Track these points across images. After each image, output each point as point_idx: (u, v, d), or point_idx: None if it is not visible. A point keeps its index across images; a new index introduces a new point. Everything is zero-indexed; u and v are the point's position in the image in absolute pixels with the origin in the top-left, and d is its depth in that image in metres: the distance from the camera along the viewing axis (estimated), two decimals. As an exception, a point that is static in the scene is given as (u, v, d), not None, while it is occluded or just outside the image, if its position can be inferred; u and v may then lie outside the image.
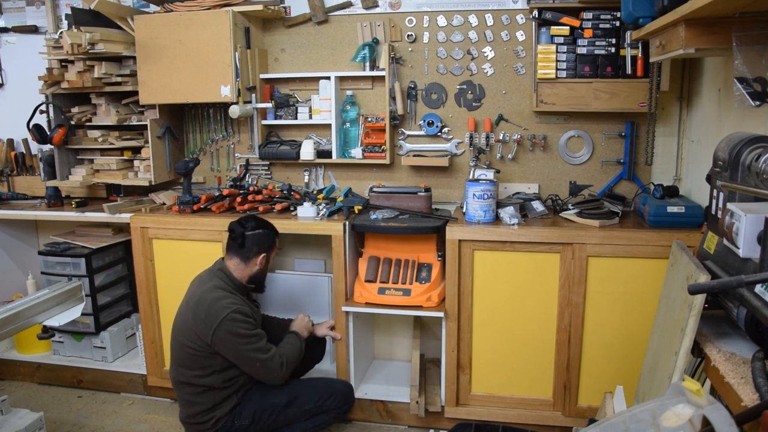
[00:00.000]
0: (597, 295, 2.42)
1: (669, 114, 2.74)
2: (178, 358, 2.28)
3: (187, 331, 2.23)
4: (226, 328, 2.16)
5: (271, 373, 2.24)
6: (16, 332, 2.12)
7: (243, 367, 2.23)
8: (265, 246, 2.36)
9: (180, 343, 2.26)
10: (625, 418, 1.05)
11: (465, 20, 2.85)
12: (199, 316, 2.20)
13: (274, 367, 2.23)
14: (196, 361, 2.23)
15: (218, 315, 2.17)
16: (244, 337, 2.19)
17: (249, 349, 2.20)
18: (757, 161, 1.43)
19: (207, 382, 2.24)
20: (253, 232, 2.34)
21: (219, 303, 2.20)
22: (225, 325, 2.16)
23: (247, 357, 2.20)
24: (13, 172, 3.43)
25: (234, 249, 2.34)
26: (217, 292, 2.24)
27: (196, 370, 2.23)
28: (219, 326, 2.16)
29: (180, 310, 2.33)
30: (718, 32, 1.69)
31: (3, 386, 3.20)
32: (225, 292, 2.25)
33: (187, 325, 2.23)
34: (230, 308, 2.19)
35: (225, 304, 2.20)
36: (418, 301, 2.57)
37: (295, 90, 3.09)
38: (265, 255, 2.36)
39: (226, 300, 2.21)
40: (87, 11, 2.87)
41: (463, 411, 2.63)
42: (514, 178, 2.93)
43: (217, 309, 2.18)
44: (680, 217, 2.37)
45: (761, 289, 1.24)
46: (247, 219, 2.39)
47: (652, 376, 1.78)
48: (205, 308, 2.20)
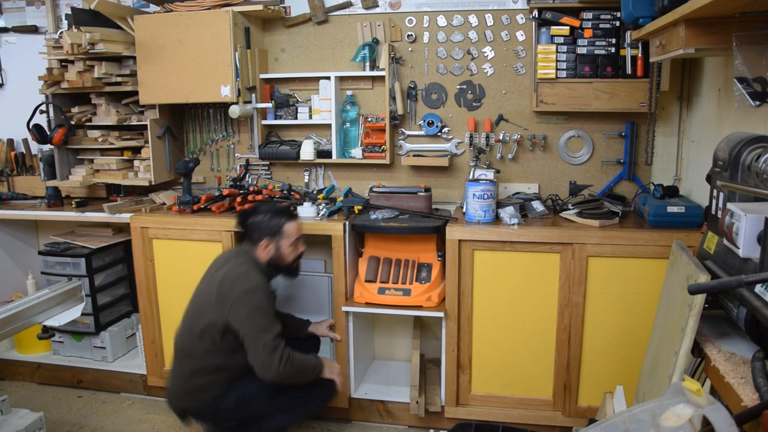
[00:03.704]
0: (597, 295, 2.43)
1: (669, 114, 2.74)
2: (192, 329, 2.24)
3: (208, 306, 2.19)
4: (247, 299, 2.14)
5: (268, 362, 2.13)
6: (16, 332, 2.12)
7: (246, 345, 2.16)
8: (266, 233, 2.32)
9: (197, 316, 2.23)
10: (625, 418, 1.05)
11: (465, 20, 2.85)
12: (224, 287, 2.18)
13: (273, 358, 2.13)
14: (206, 333, 2.19)
15: (243, 285, 2.16)
16: (259, 311, 2.15)
17: (259, 327, 2.13)
18: (757, 161, 1.43)
19: (211, 361, 2.21)
20: (252, 220, 2.34)
21: (247, 276, 2.19)
22: (247, 296, 2.14)
23: (253, 334, 2.13)
24: (13, 172, 3.43)
25: (247, 240, 2.36)
26: (245, 266, 2.24)
27: (205, 342, 2.20)
28: (241, 295, 2.14)
29: (201, 287, 2.30)
30: (718, 32, 1.69)
31: (3, 386, 3.20)
32: (254, 270, 2.24)
33: (209, 299, 2.20)
34: (257, 282, 2.19)
35: (253, 277, 2.20)
36: (418, 301, 2.57)
37: (295, 90, 3.09)
38: (268, 241, 2.32)
39: (254, 275, 2.21)
40: (87, 11, 2.87)
41: (463, 411, 2.63)
42: (514, 178, 2.93)
43: (244, 280, 2.18)
44: (680, 217, 2.37)
45: (761, 289, 1.24)
46: (254, 207, 2.39)
47: (652, 376, 1.78)
48: (232, 279, 2.19)
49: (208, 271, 2.34)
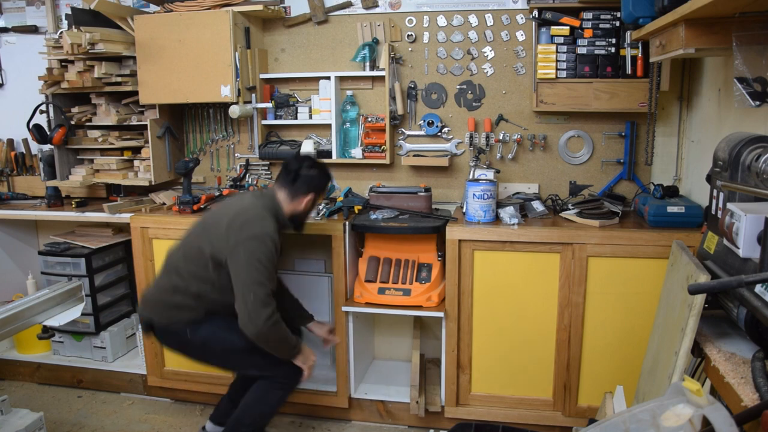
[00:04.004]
0: (597, 295, 2.43)
1: (669, 114, 2.74)
2: (189, 251, 2.22)
3: (213, 235, 2.17)
4: (252, 247, 2.10)
5: (254, 316, 2.07)
6: (16, 332, 2.12)
7: (236, 290, 2.11)
8: (314, 187, 2.32)
9: (198, 239, 2.21)
10: (625, 418, 1.05)
11: (465, 20, 2.85)
12: (235, 223, 2.14)
13: (260, 313, 2.07)
14: (202, 261, 2.17)
15: (253, 230, 2.12)
16: (260, 264, 2.09)
17: (255, 279, 2.08)
18: (757, 161, 1.43)
19: (196, 287, 2.19)
20: (308, 172, 2.31)
21: (261, 222, 2.15)
22: (253, 242, 2.10)
23: (247, 284, 2.09)
24: (13, 172, 3.43)
25: (285, 183, 2.31)
26: (265, 212, 2.20)
27: (196, 268, 2.18)
28: (248, 239, 2.10)
29: (213, 212, 2.28)
30: (718, 32, 1.69)
31: (3, 386, 3.20)
32: (271, 219, 2.19)
33: (218, 229, 2.16)
34: (268, 232, 2.13)
35: (266, 225, 2.15)
36: (418, 301, 2.57)
37: (295, 90, 3.09)
38: (313, 196, 2.32)
39: (269, 223, 2.16)
40: (87, 11, 2.87)
41: (463, 411, 2.63)
42: (514, 178, 2.93)
43: (255, 225, 2.13)
44: (680, 217, 2.37)
45: (761, 289, 1.24)
46: (305, 157, 2.37)
47: (652, 376, 1.78)
48: (244, 219, 2.15)
49: (228, 201, 2.31)
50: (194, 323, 2.22)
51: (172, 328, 2.24)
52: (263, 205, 2.23)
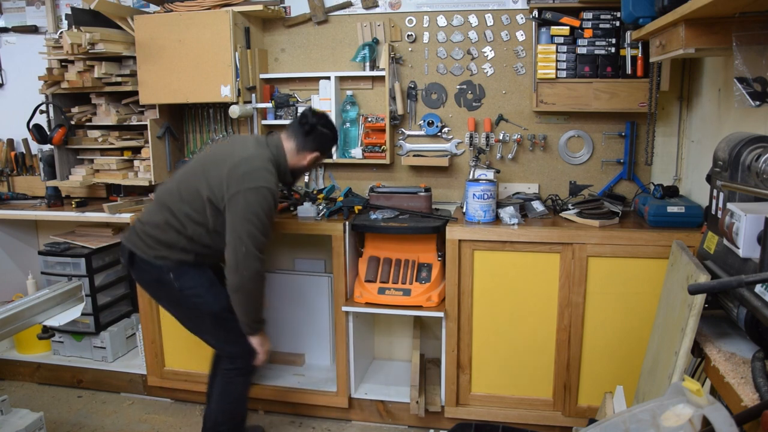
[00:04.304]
0: (597, 295, 2.43)
1: (669, 114, 2.74)
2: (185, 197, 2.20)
3: (212, 180, 2.14)
4: (251, 198, 2.08)
5: (242, 267, 2.08)
6: (16, 332, 2.12)
7: (229, 239, 2.10)
8: (322, 146, 2.33)
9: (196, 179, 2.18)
10: (625, 418, 1.05)
11: (465, 20, 2.85)
12: (236, 171, 2.12)
13: (249, 266, 2.08)
14: (198, 203, 2.16)
15: (255, 182, 2.10)
16: (257, 217, 2.08)
17: (249, 232, 2.08)
18: (757, 161, 1.43)
19: (187, 225, 2.17)
20: (323, 129, 2.31)
21: (264, 174, 2.13)
22: (253, 194, 2.09)
23: (241, 235, 2.08)
24: (13, 172, 3.43)
25: (297, 134, 2.29)
26: (269, 165, 2.18)
27: (191, 210, 2.17)
28: (248, 190, 2.08)
29: (213, 155, 2.25)
30: (718, 32, 1.69)
31: (3, 386, 3.20)
32: (273, 171, 2.18)
33: (218, 174, 2.14)
34: (269, 186, 2.12)
35: (268, 178, 2.14)
36: (418, 301, 2.57)
37: (295, 90, 3.09)
38: (318, 155, 2.33)
39: (271, 177, 2.15)
40: (87, 11, 2.87)
41: (463, 411, 2.63)
42: (514, 178, 2.93)
43: (258, 176, 2.12)
44: (680, 217, 2.37)
45: (761, 289, 1.24)
46: (323, 115, 2.37)
47: (652, 376, 1.78)
48: (247, 169, 2.12)
49: (230, 143, 2.29)
50: (181, 266, 2.19)
51: (156, 264, 2.21)
52: (268, 156, 2.20)
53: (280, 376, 2.95)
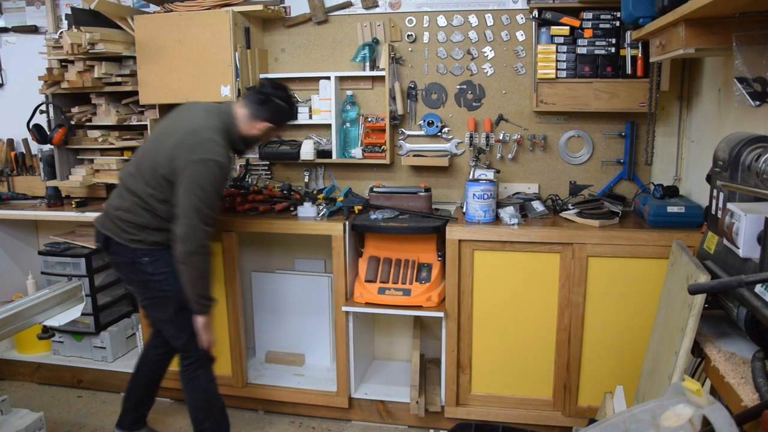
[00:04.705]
0: (597, 295, 2.43)
1: (669, 114, 2.74)
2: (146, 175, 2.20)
3: (165, 154, 2.15)
4: (198, 171, 2.09)
5: (187, 239, 2.09)
6: (16, 332, 2.12)
7: (177, 211, 2.12)
8: (276, 118, 2.31)
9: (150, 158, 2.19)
10: (625, 418, 1.05)
11: (465, 20, 2.85)
12: (184, 144, 2.13)
13: (194, 238, 2.09)
14: (157, 181, 2.16)
15: (201, 154, 2.10)
16: (202, 190, 2.09)
17: (194, 205, 2.08)
18: (757, 161, 1.43)
19: (155, 205, 2.18)
20: (278, 100, 2.29)
21: (210, 146, 2.13)
22: (199, 166, 2.09)
23: (187, 208, 2.09)
24: (13, 172, 3.43)
25: (251, 102, 2.28)
26: (217, 136, 2.16)
27: (153, 189, 2.18)
28: (194, 163, 2.09)
29: (165, 128, 2.26)
30: (718, 32, 1.69)
31: (3, 386, 3.20)
32: (223, 143, 2.17)
33: (167, 147, 2.15)
34: (215, 159, 2.11)
35: (216, 150, 2.13)
36: (418, 301, 2.57)
37: (295, 90, 3.08)
38: (270, 127, 2.31)
39: (219, 148, 2.14)
40: (87, 11, 2.87)
41: (463, 411, 2.63)
42: (514, 178, 2.93)
43: (204, 149, 2.11)
44: (680, 217, 2.37)
45: (761, 289, 1.24)
46: (284, 87, 2.35)
47: (652, 376, 1.78)
48: (194, 141, 2.13)
49: (180, 113, 2.28)
50: (157, 250, 2.19)
51: (131, 247, 2.22)
52: (216, 126, 2.19)
53: (280, 376, 2.95)
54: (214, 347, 2.33)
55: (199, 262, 2.13)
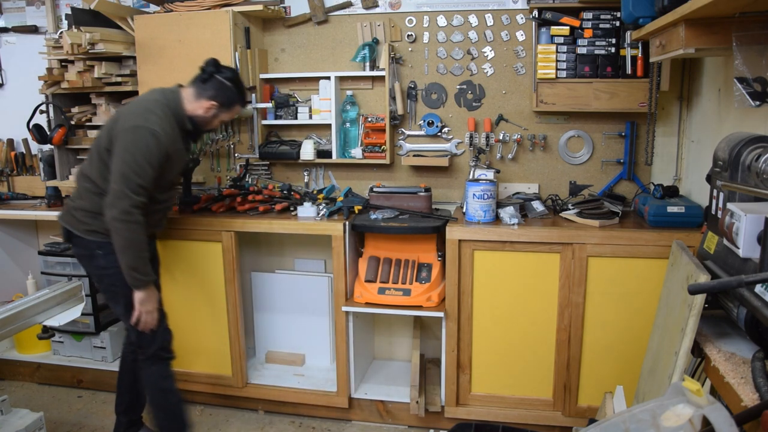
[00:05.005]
0: (597, 295, 2.43)
1: (669, 114, 2.74)
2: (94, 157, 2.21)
3: (107, 129, 2.18)
4: (128, 138, 2.08)
5: (112, 205, 2.08)
6: (16, 332, 2.12)
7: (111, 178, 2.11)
8: (221, 98, 2.28)
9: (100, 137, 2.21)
10: (625, 418, 1.05)
11: (465, 20, 2.85)
12: (120, 116, 2.15)
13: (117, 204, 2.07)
14: (100, 157, 2.17)
15: (132, 121, 2.10)
16: (131, 157, 2.07)
17: (122, 171, 2.07)
18: (757, 161, 1.43)
19: (103, 186, 2.17)
20: (222, 79, 2.27)
21: (144, 114, 2.13)
22: (129, 134, 2.08)
23: (115, 174, 2.08)
24: (13, 172, 3.43)
25: (196, 81, 2.30)
26: (156, 108, 2.16)
27: (100, 168, 2.18)
28: (126, 130, 2.09)
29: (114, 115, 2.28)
30: (718, 32, 1.69)
31: (3, 386, 3.20)
32: (162, 116, 2.15)
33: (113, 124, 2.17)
34: (148, 126, 2.09)
35: (149, 118, 2.12)
36: (418, 301, 2.57)
37: (295, 90, 3.09)
38: (215, 106, 2.28)
39: (153, 117, 2.13)
40: (87, 11, 2.87)
41: (463, 411, 2.63)
42: (514, 178, 2.93)
43: (136, 116, 2.12)
44: (680, 217, 2.37)
45: (761, 289, 1.24)
46: (229, 68, 2.34)
47: (652, 376, 1.78)
48: (128, 110, 2.15)
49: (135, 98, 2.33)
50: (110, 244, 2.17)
51: (87, 239, 2.24)
52: (157, 100, 2.20)
53: (280, 376, 2.95)
54: (151, 327, 2.27)
55: (122, 230, 2.09)
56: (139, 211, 2.10)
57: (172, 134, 2.19)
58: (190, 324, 2.85)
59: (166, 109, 2.20)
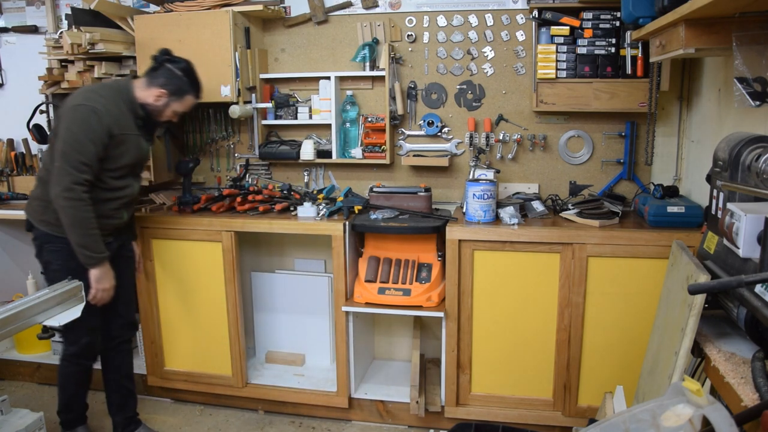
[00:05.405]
0: (597, 295, 2.43)
1: (669, 114, 2.74)
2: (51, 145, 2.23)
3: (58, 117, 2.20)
4: (68, 115, 2.12)
5: (55, 182, 2.11)
6: (16, 332, 2.11)
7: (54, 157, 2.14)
8: (171, 87, 2.28)
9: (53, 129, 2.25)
10: (625, 418, 1.05)
11: (465, 20, 2.85)
12: (71, 95, 2.18)
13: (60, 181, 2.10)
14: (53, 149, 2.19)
15: (74, 102, 2.14)
16: (70, 134, 2.09)
17: (62, 148, 2.09)
18: (757, 161, 1.43)
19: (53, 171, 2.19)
20: (172, 68, 2.28)
21: (86, 94, 2.17)
22: (69, 112, 2.12)
23: (57, 152, 2.10)
24: (13, 172, 3.43)
25: (148, 70, 2.32)
26: (102, 90, 2.21)
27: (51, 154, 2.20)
28: (67, 110, 2.13)
29: None
30: (718, 32, 1.69)
31: (3, 386, 3.20)
32: (107, 96, 2.18)
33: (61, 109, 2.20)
34: (87, 104, 2.12)
35: (89, 97, 2.15)
36: (418, 301, 2.57)
37: (295, 90, 3.09)
38: (164, 94, 2.28)
39: (95, 98, 2.15)
40: (87, 11, 2.87)
41: (463, 411, 2.63)
42: (514, 178, 2.93)
43: (78, 96, 2.15)
44: (680, 217, 2.37)
45: (761, 289, 1.24)
46: (181, 60, 2.34)
47: (652, 376, 1.78)
48: (80, 91, 2.19)
49: None
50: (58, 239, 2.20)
51: (40, 229, 2.27)
52: (104, 84, 2.23)
53: (280, 376, 2.95)
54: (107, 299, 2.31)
55: (66, 207, 2.12)
56: (82, 188, 2.12)
57: (117, 114, 2.20)
58: (190, 324, 2.85)
59: (112, 91, 2.23)
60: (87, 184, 2.13)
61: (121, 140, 2.21)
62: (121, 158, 2.24)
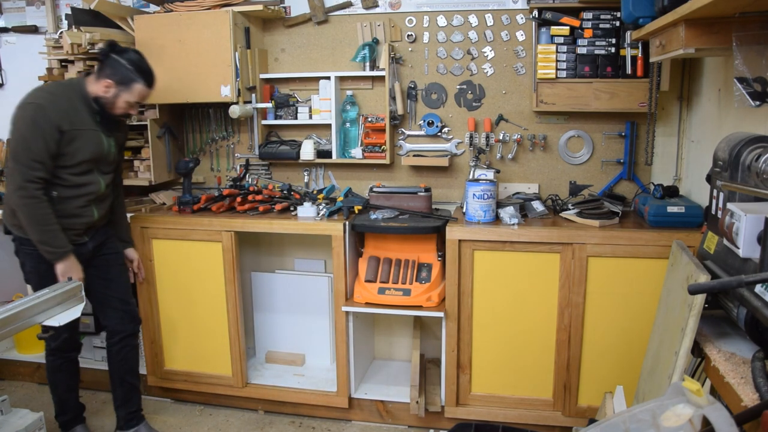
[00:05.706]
0: (597, 295, 2.42)
1: (669, 114, 2.74)
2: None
3: None
4: (17, 114, 2.14)
5: (9, 182, 2.14)
6: (16, 332, 2.11)
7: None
8: (116, 77, 2.25)
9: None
10: (625, 418, 1.05)
11: (465, 20, 2.85)
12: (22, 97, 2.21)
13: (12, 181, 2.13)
14: None
15: (22, 101, 2.16)
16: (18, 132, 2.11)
17: (12, 146, 2.11)
18: (757, 161, 1.43)
19: None
20: (115, 57, 2.26)
21: (33, 93, 2.18)
22: (19, 111, 2.14)
23: (10, 148, 2.12)
24: (13, 172, 3.42)
25: (98, 63, 2.33)
26: (50, 86, 2.24)
27: None
28: (18, 108, 2.15)
29: None
30: (718, 32, 1.69)
31: (3, 386, 3.20)
32: (54, 91, 2.20)
33: None
34: (34, 102, 2.13)
35: (36, 95, 2.16)
36: (418, 301, 2.57)
37: (295, 90, 3.09)
38: (112, 83, 2.24)
39: (42, 95, 2.17)
40: (87, 11, 2.87)
41: (463, 411, 2.63)
42: (514, 178, 2.93)
43: (29, 95, 2.17)
44: (680, 217, 2.37)
45: (761, 289, 1.24)
46: (127, 50, 2.32)
47: (652, 376, 1.78)
48: (29, 91, 2.20)
49: None
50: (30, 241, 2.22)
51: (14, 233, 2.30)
52: (56, 82, 2.24)
53: (280, 376, 2.95)
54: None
55: (21, 205, 2.14)
56: (35, 185, 2.12)
57: (67, 110, 2.19)
58: (190, 324, 2.85)
59: (64, 88, 2.25)
60: (40, 181, 2.13)
61: (73, 136, 2.20)
62: (77, 154, 2.22)
